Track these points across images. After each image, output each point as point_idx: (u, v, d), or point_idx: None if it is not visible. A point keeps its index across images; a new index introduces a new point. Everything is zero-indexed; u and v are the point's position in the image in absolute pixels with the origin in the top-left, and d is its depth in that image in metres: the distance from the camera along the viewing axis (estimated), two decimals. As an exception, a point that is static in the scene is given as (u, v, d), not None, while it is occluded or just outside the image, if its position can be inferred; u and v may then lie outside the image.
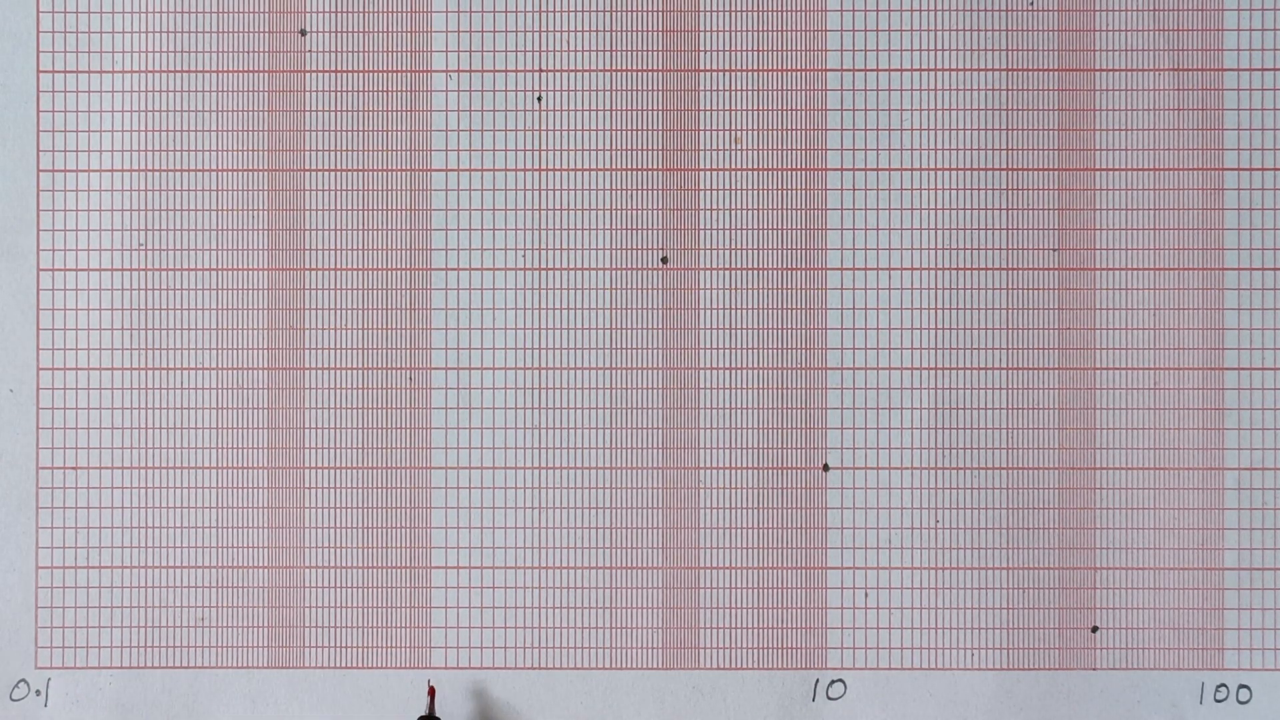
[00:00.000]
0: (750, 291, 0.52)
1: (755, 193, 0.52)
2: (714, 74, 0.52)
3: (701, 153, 0.52)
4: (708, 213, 0.52)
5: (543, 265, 0.52)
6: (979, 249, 0.52)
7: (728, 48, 0.52)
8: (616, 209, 0.52)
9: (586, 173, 0.52)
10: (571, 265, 0.52)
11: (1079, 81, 0.52)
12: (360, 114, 0.52)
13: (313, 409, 0.52)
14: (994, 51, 0.52)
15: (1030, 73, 0.52)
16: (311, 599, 0.52)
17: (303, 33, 0.52)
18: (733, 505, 0.52)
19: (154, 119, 0.52)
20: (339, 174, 0.52)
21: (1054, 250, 0.52)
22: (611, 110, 0.52)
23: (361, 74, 0.52)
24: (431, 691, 0.51)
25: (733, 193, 0.52)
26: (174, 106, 0.52)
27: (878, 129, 0.52)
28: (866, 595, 0.52)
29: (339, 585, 0.52)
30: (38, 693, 0.52)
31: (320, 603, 0.52)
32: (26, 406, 0.52)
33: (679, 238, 0.52)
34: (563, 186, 0.52)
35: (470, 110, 0.52)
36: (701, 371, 0.52)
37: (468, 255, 0.52)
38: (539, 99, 0.52)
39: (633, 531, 0.52)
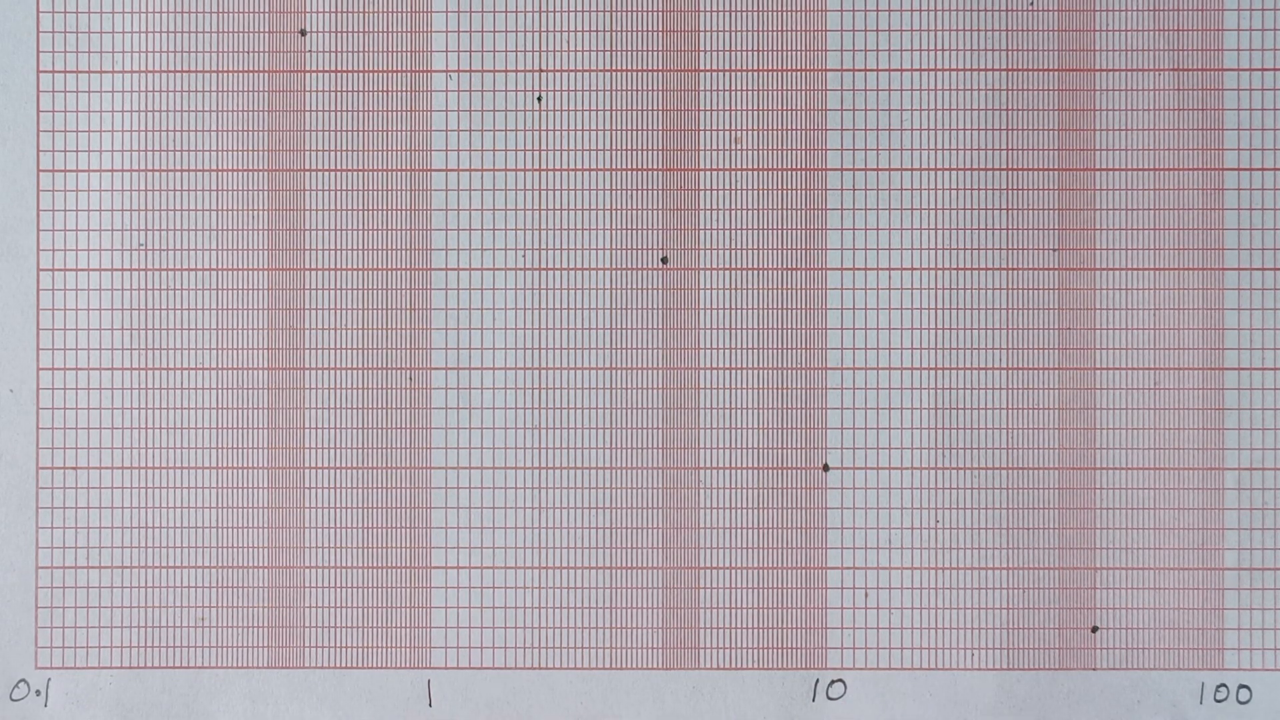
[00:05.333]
0: (750, 291, 0.52)
1: (755, 193, 0.52)
2: (714, 74, 0.52)
3: (701, 153, 0.52)
4: (708, 213, 0.52)
5: (543, 265, 0.52)
6: (979, 249, 0.52)
7: (728, 48, 0.52)
8: (616, 209, 0.52)
9: (586, 173, 0.52)
10: (571, 265, 0.52)
11: (1079, 81, 0.52)
12: (360, 114, 0.52)
13: (313, 409, 0.52)
14: (994, 51, 0.52)
15: (1030, 73, 0.52)
16: (311, 599, 0.52)
17: (303, 33, 0.52)
18: (733, 505, 0.52)
19: (154, 119, 0.52)
20: (339, 174, 0.52)
21: (1054, 250, 0.52)
22: (611, 110, 0.52)
23: (361, 74, 0.52)
24: None
25: (733, 193, 0.52)
26: (174, 106, 0.52)
27: (878, 129, 0.52)
28: (866, 595, 0.52)
29: (339, 585, 0.52)
30: (38, 693, 0.52)
31: (320, 603, 0.52)
32: (26, 406, 0.52)
33: (679, 238, 0.52)
34: (563, 186, 0.52)
35: (470, 110, 0.52)
36: (701, 371, 0.52)
37: (468, 255, 0.52)
38: (539, 99, 0.52)
39: (633, 531, 0.52)
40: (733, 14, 0.52)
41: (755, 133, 0.52)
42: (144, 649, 0.52)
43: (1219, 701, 0.52)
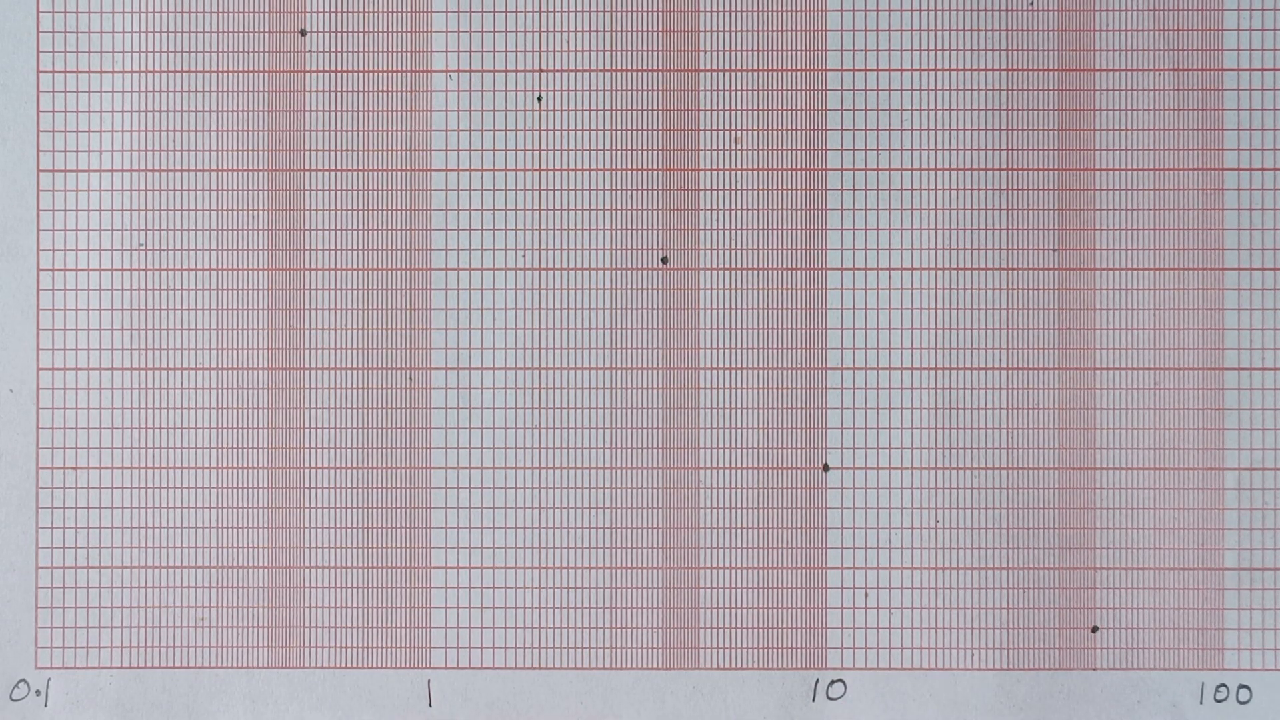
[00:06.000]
0: (750, 291, 0.52)
1: (755, 193, 0.52)
2: (714, 74, 0.52)
3: (701, 153, 0.52)
4: (708, 213, 0.52)
5: (543, 265, 0.52)
6: (979, 249, 0.52)
7: (728, 48, 0.52)
8: (616, 209, 0.52)
9: (586, 173, 0.52)
10: (571, 265, 0.52)
11: (1079, 81, 0.52)
12: (360, 114, 0.52)
13: (313, 409, 0.52)
14: (994, 51, 0.52)
15: (1030, 73, 0.52)
16: (311, 599, 0.52)
17: (303, 33, 0.52)
18: (733, 505, 0.52)
19: (154, 119, 0.52)
20: (339, 174, 0.52)
21: (1054, 250, 0.52)
22: (611, 110, 0.52)
23: (361, 74, 0.52)
24: None
25: (733, 193, 0.52)
26: (174, 106, 0.52)
27: (878, 129, 0.52)
28: (866, 595, 0.52)
29: (339, 585, 0.52)
30: (38, 693, 0.52)
31: (320, 603, 0.52)
32: (26, 406, 0.52)
33: (679, 238, 0.52)
34: (563, 186, 0.52)
35: (470, 110, 0.52)
36: (701, 371, 0.52)
37: (468, 255, 0.52)
38: (539, 99, 0.52)
39: (633, 531, 0.52)
40: (733, 14, 0.52)
41: (755, 133, 0.52)
42: (144, 649, 0.52)
43: (1219, 701, 0.52)
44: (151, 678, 0.52)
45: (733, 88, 0.52)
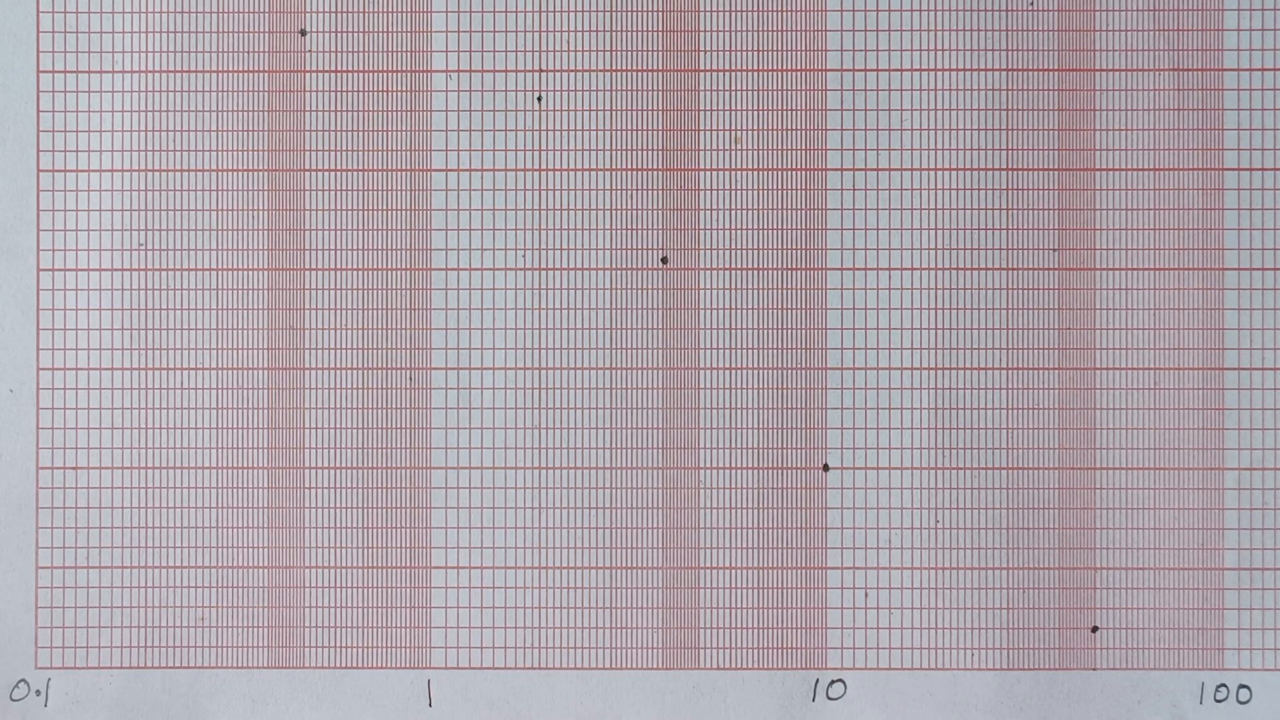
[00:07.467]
0: (750, 291, 0.52)
1: (755, 193, 0.52)
2: (714, 74, 0.52)
3: (701, 153, 0.52)
4: (708, 213, 0.52)
5: (543, 265, 0.52)
6: (979, 249, 0.52)
7: (728, 48, 0.52)
8: (616, 209, 0.52)
9: (586, 173, 0.52)
10: (571, 265, 0.52)
11: (1079, 81, 0.52)
12: (360, 114, 0.52)
13: (313, 409, 0.52)
14: (994, 51, 0.52)
15: (1030, 73, 0.52)
16: (311, 599, 0.52)
17: (303, 33, 0.52)
18: (733, 505, 0.52)
19: (154, 119, 0.52)
20: (339, 174, 0.52)
21: (1054, 250, 0.52)
22: (611, 110, 0.52)
23: (361, 74, 0.52)
24: None
25: (733, 193, 0.52)
26: (174, 106, 0.52)
27: (878, 129, 0.52)
28: (866, 595, 0.52)
29: (339, 585, 0.52)
30: (38, 693, 0.52)
31: (320, 603, 0.52)
32: (26, 406, 0.52)
33: (679, 238, 0.52)
34: (563, 186, 0.52)
35: (470, 110, 0.52)
36: (701, 371, 0.52)
37: (468, 255, 0.52)
38: (539, 99, 0.52)
39: (633, 531, 0.52)
40: (733, 14, 0.52)
41: (755, 133, 0.52)
42: (144, 649, 0.52)
43: (1219, 701, 0.52)
44: (151, 678, 0.52)
45: (733, 88, 0.52)
